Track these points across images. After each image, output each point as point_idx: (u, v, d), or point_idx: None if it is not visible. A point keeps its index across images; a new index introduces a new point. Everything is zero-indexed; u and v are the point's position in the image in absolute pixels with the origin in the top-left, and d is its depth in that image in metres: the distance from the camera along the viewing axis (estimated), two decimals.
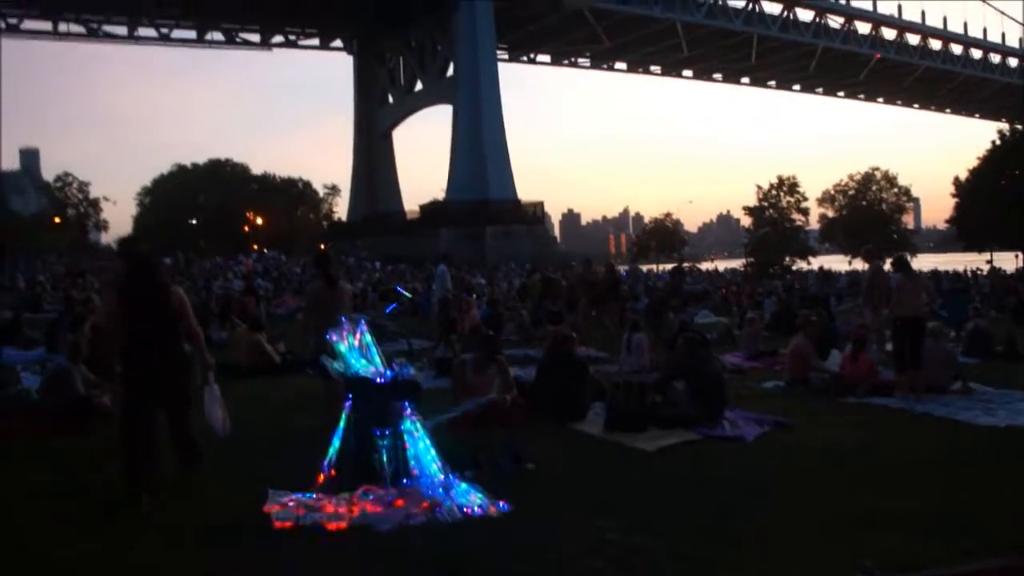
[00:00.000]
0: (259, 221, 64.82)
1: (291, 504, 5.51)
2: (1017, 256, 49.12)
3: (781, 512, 5.45)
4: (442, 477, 5.81)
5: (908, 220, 70.80)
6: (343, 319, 6.30)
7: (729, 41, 70.48)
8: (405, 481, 5.78)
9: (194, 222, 64.76)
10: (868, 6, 74.31)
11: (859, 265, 56.98)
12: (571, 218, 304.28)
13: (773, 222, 62.15)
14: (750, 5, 69.29)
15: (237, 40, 69.64)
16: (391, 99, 74.71)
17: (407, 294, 24.53)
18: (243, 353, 12.39)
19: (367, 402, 6.01)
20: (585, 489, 6.07)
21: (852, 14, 73.91)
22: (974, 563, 4.27)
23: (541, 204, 69.71)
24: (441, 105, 68.24)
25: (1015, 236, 47.14)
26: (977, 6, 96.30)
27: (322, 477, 5.83)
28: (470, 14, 61.10)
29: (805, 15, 72.03)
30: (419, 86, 72.11)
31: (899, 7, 76.42)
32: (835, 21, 73.85)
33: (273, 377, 11.76)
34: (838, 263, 59.49)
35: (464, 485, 5.83)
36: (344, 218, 78.07)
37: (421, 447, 5.92)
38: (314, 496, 5.63)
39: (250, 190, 72.19)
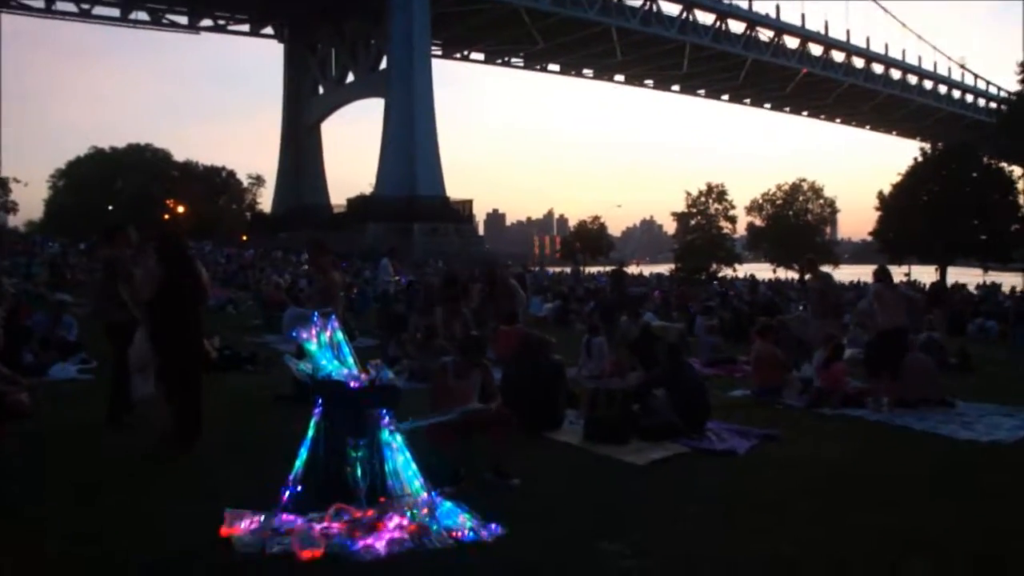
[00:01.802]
0: (180, 209, 62.40)
1: (254, 527, 4.77)
2: (936, 269, 50.55)
3: (795, 532, 5.03)
4: (425, 495, 5.14)
5: (830, 231, 72.41)
6: (314, 315, 5.58)
7: (662, 48, 71.20)
8: (383, 499, 5.10)
9: (111, 208, 61.89)
10: (797, 21, 76.00)
11: (787, 274, 58.11)
12: (496, 218, 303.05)
13: (701, 228, 62.84)
14: (684, 14, 70.05)
15: (163, 21, 67.11)
16: (321, 90, 73.21)
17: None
18: None
19: (339, 409, 5.30)
20: (580, 508, 5.49)
21: (781, 28, 75.47)
22: None
23: (470, 202, 69.11)
24: (372, 99, 67.05)
25: (935, 250, 48.52)
26: (896, 27, 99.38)
27: (287, 494, 5.10)
28: (406, 8, 60.14)
29: (737, 27, 73.25)
30: (351, 78, 70.77)
31: (826, 24, 78.55)
32: (765, 34, 75.32)
33: (210, 375, 10.82)
34: (764, 271, 60.53)
35: (449, 504, 5.18)
36: (268, 209, 76.08)
37: (401, 461, 5.24)
38: (279, 517, 4.90)
39: (171, 177, 69.55)
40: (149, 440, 6.68)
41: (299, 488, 5.15)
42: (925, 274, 51.92)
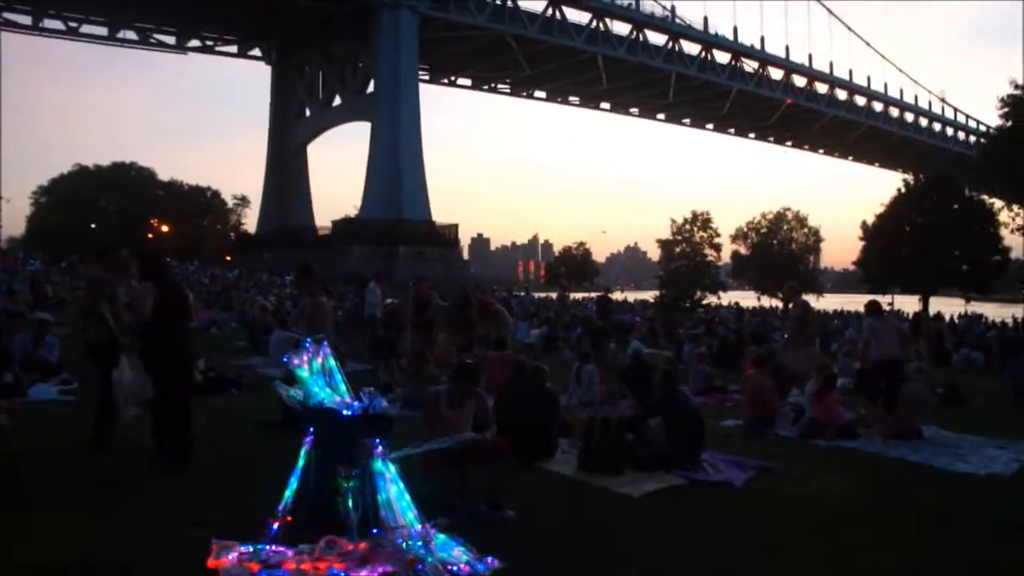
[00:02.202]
0: (164, 229, 61.99)
1: (243, 558, 4.60)
2: (919, 299, 50.91)
3: (798, 569, 4.92)
4: (419, 527, 4.98)
5: (814, 260, 72.74)
6: (307, 340, 5.44)
7: (648, 77, 71.66)
8: (375, 531, 4.94)
9: (94, 226, 61.41)
10: (781, 53, 76.75)
11: (771, 302, 58.30)
12: (480, 243, 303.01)
13: (685, 255, 63.00)
14: (670, 44, 70.64)
15: (151, 41, 66.99)
16: (308, 112, 73.09)
17: None
18: None
19: (331, 437, 5.16)
20: (577, 542, 5.35)
21: (766, 60, 76.22)
22: None
23: (456, 227, 68.98)
24: (359, 122, 67.05)
25: (918, 280, 48.89)
26: (877, 61, 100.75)
27: (276, 525, 4.94)
28: (394, 32, 60.31)
29: (722, 57, 73.93)
30: (337, 101, 70.75)
31: (809, 56, 79.37)
32: (750, 65, 76.05)
33: (195, 398, 10.60)
34: (748, 299, 60.68)
35: (443, 537, 5.03)
36: (253, 230, 75.70)
37: (395, 491, 5.08)
38: (268, 548, 4.73)
39: (155, 196, 69.16)
40: (134, 463, 6.51)
41: (288, 519, 5.01)
42: (908, 304, 52.23)
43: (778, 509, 6.32)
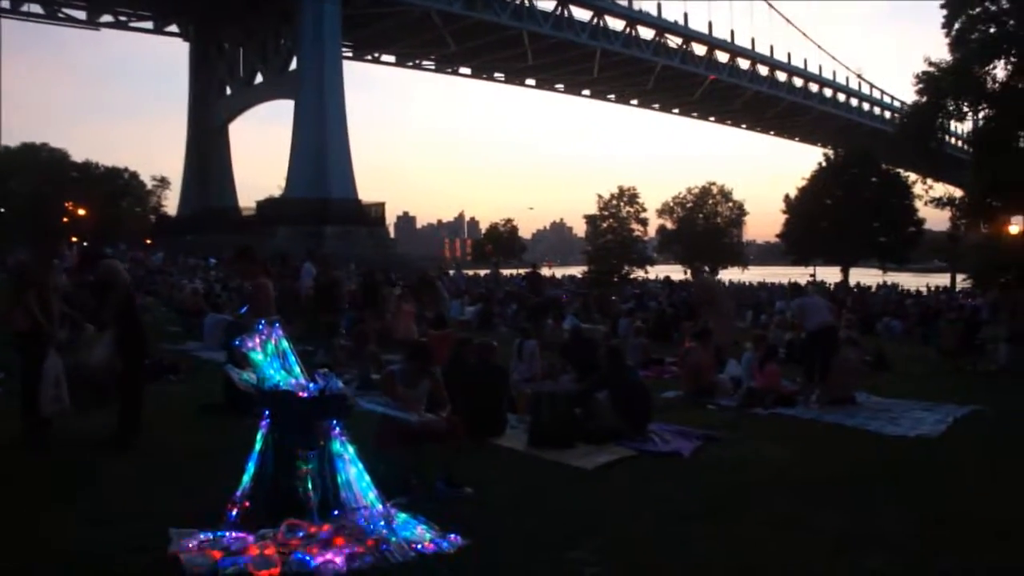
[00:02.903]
0: (80, 212, 59.83)
1: (202, 546, 4.53)
2: (841, 270, 52.54)
3: (756, 536, 5.05)
4: (381, 507, 4.97)
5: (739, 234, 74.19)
6: (261, 323, 5.35)
7: (573, 53, 71.75)
8: (336, 512, 4.92)
9: (3, 210, 58.91)
10: (704, 29, 77.75)
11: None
12: (406, 221, 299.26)
13: (612, 231, 63.59)
14: (595, 20, 70.83)
15: (60, 15, 64.14)
16: (229, 91, 71.16)
17: None
18: None
19: (288, 420, 5.10)
20: (536, 515, 5.40)
21: (689, 35, 77.04)
22: None
23: (382, 205, 68.27)
24: (282, 100, 65.67)
25: (838, 252, 50.44)
26: (798, 38, 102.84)
27: (235, 510, 4.87)
28: (316, 8, 59.09)
29: (647, 33, 74.49)
30: (259, 79, 69.09)
31: (731, 32, 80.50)
32: (674, 41, 76.80)
33: None
34: (675, 273, 61.70)
35: (404, 516, 5.03)
36: (174, 212, 73.67)
37: (354, 472, 5.06)
38: (228, 535, 4.66)
39: (69, 178, 66.60)
40: (69, 455, 6.36)
41: (247, 504, 4.94)
42: (829, 274, 53.84)
43: (726, 476, 6.49)
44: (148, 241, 63.46)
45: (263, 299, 8.27)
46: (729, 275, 59.00)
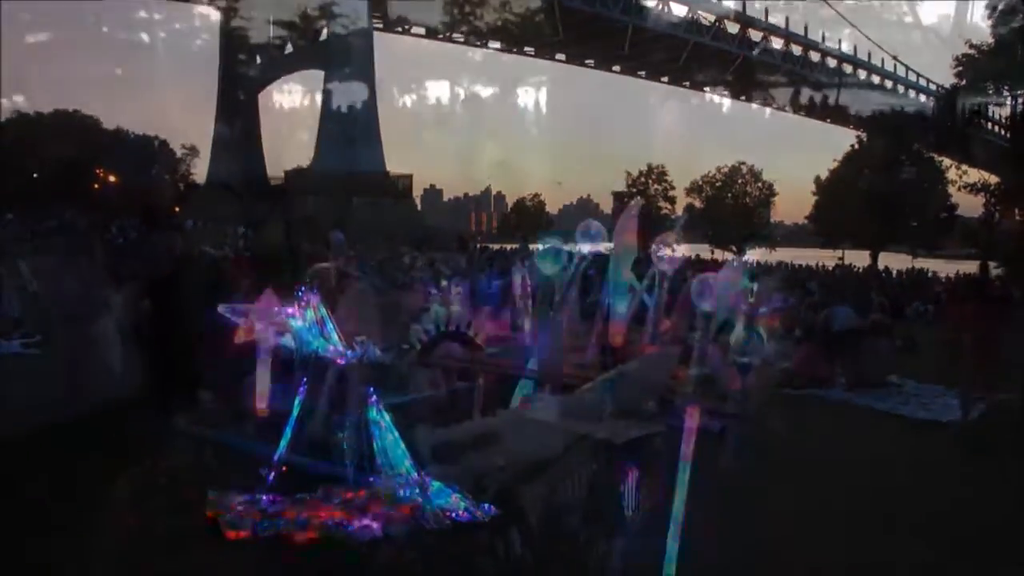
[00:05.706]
0: (111, 179, 60.27)
1: (240, 508, 4.60)
2: (870, 254, 51.88)
3: (773, 513, 5.11)
4: (415, 475, 5.02)
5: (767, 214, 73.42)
6: (300, 289, 5.40)
7: (603, 26, 71.03)
8: (371, 479, 4.98)
9: (36, 176, 59.40)
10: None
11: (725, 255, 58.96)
12: (432, 194, 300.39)
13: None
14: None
15: None
16: (259, 59, 71.29)
17: None
18: None
19: (326, 387, 5.17)
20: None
21: (722, 14, 76.03)
22: None
23: (410, 177, 68.22)
24: (312, 71, 65.74)
25: (869, 235, 49.88)
26: (833, 17, 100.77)
27: (273, 473, 4.94)
28: None
29: (679, 9, 73.58)
30: (290, 49, 69.11)
31: (765, 10, 79.27)
32: (706, 18, 75.83)
33: None
34: (703, 252, 61.27)
35: (438, 484, 5.08)
36: (202, 181, 74.04)
37: (390, 440, 5.10)
38: (266, 498, 4.74)
39: (101, 145, 66.99)
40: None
41: (284, 468, 5.01)
42: (858, 258, 53.18)
43: (756, 457, 6.46)
44: (176, 209, 63.80)
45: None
46: (757, 256, 58.46)
